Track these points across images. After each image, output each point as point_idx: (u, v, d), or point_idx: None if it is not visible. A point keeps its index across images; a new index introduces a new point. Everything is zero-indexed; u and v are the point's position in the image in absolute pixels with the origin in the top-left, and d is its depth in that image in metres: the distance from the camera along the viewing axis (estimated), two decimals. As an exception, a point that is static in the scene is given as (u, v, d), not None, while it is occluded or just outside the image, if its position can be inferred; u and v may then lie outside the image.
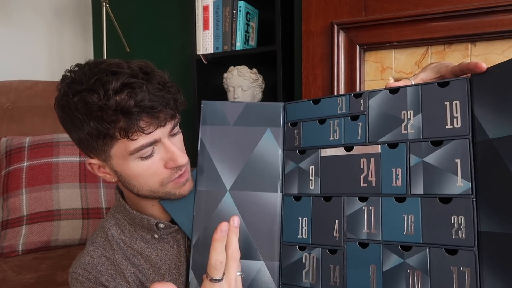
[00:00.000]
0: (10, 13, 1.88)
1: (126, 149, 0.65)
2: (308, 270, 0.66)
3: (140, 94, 0.61)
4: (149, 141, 0.65)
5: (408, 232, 0.59)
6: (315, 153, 0.70)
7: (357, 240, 0.63)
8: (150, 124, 0.63)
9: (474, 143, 0.56)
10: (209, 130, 0.75)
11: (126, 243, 0.77)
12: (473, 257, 0.54)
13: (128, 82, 0.62)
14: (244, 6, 1.65)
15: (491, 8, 1.14)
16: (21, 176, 1.37)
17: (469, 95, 0.57)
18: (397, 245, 0.59)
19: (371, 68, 1.35)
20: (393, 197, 0.61)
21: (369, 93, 0.65)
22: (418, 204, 0.59)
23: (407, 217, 0.59)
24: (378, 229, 0.61)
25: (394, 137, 0.62)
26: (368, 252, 0.62)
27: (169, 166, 0.69)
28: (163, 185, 0.70)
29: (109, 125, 0.61)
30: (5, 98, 1.57)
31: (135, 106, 0.61)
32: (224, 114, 0.76)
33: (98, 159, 0.69)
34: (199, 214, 0.72)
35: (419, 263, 0.57)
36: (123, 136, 0.63)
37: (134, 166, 0.67)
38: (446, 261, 0.55)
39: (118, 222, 0.79)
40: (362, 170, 0.64)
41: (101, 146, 0.65)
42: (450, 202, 0.57)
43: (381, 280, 0.60)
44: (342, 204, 0.65)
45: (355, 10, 1.32)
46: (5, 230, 1.31)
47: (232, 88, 1.65)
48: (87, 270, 0.74)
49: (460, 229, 0.55)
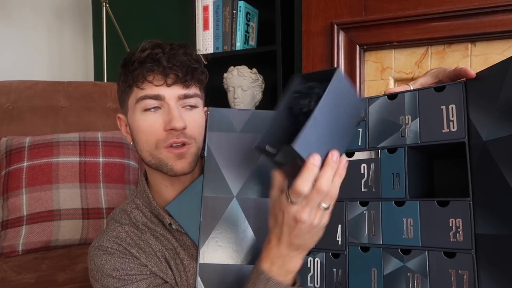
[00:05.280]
0: (10, 12, 1.88)
1: (135, 97, 0.73)
2: (313, 274, 0.66)
3: (157, 51, 0.71)
4: (153, 94, 0.71)
5: (407, 235, 0.59)
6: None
7: (359, 244, 0.63)
8: (156, 78, 0.71)
9: (470, 146, 0.56)
10: (216, 137, 0.76)
11: (148, 226, 0.78)
12: (471, 260, 0.54)
13: (156, 44, 0.73)
14: (244, 6, 1.65)
15: (491, 8, 1.14)
16: (21, 176, 1.37)
17: (465, 99, 0.58)
18: (397, 249, 0.60)
19: (371, 68, 1.35)
20: (393, 201, 0.61)
21: (368, 99, 0.65)
22: (417, 207, 0.59)
23: (406, 220, 0.60)
24: (378, 233, 0.62)
25: (393, 142, 0.62)
26: (369, 256, 0.62)
27: (166, 128, 0.72)
28: (158, 148, 0.73)
29: (131, 74, 0.72)
30: (5, 98, 1.57)
31: (149, 57, 0.71)
32: (230, 121, 0.77)
33: (123, 112, 0.79)
34: (206, 220, 0.72)
35: (418, 266, 0.58)
36: (135, 85, 0.72)
37: (138, 118, 0.73)
38: (445, 264, 0.56)
39: (139, 207, 0.80)
40: (363, 175, 0.64)
41: (125, 96, 0.76)
42: (448, 205, 0.57)
43: (382, 284, 0.60)
44: (344, 209, 0.65)
45: (355, 10, 1.32)
46: (5, 230, 1.31)
47: (232, 88, 1.65)
48: (116, 242, 0.75)
49: (458, 232, 0.55)
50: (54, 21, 2.07)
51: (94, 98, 1.67)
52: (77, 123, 1.61)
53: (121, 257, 0.73)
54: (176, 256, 0.76)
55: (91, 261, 0.75)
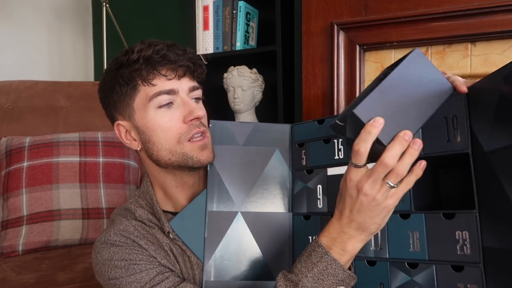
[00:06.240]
0: (10, 12, 1.88)
1: (146, 96, 0.71)
2: None
3: (160, 47, 0.71)
4: (167, 89, 0.71)
5: (414, 248, 0.58)
6: (322, 172, 0.71)
7: (365, 258, 0.63)
8: (167, 71, 0.71)
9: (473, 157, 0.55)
10: (219, 150, 0.75)
11: (154, 223, 0.77)
12: (480, 273, 0.52)
13: (152, 42, 0.73)
14: (244, 6, 1.65)
15: (491, 8, 1.13)
16: (21, 176, 1.37)
17: (467, 109, 0.57)
18: (404, 262, 0.59)
19: (371, 68, 1.35)
20: (398, 214, 0.61)
21: None
22: (422, 220, 0.58)
23: (412, 233, 0.59)
24: (384, 246, 0.61)
25: None
26: (376, 270, 0.61)
27: (187, 120, 0.71)
28: (181, 142, 0.71)
29: (134, 73, 0.70)
30: (5, 98, 1.57)
31: (154, 53, 0.70)
32: (233, 134, 0.76)
33: (124, 118, 0.75)
34: (211, 236, 0.71)
35: (426, 281, 0.56)
36: (144, 83, 0.71)
37: (153, 117, 0.71)
38: (453, 278, 0.54)
39: (143, 206, 0.79)
40: None
41: (127, 101, 0.73)
42: (454, 217, 0.56)
43: None
44: None
45: (355, 10, 1.32)
46: (5, 230, 1.31)
47: (232, 88, 1.65)
48: (123, 235, 0.73)
49: (465, 245, 0.54)
50: (54, 21, 2.07)
51: (94, 98, 1.65)
52: (77, 123, 1.61)
53: (129, 248, 0.71)
54: (183, 253, 0.74)
55: (97, 255, 0.73)
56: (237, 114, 1.68)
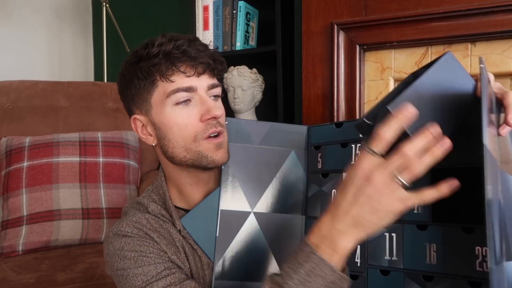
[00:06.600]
0: (10, 12, 1.88)
1: (164, 92, 0.70)
2: None
3: (181, 42, 0.70)
4: (185, 86, 0.69)
5: (430, 261, 0.56)
6: (337, 176, 0.70)
7: (379, 267, 0.61)
8: (187, 68, 0.69)
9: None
10: (233, 148, 0.74)
11: (167, 217, 0.76)
12: None
13: (173, 37, 0.71)
14: (244, 6, 1.65)
15: (491, 8, 1.13)
16: (21, 176, 1.37)
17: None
18: (419, 275, 0.57)
19: (371, 68, 1.35)
20: (415, 224, 0.59)
21: None
22: (440, 232, 0.56)
23: (429, 245, 0.57)
24: (399, 256, 0.59)
25: None
26: (389, 280, 0.59)
27: (204, 119, 0.70)
28: (197, 140, 0.70)
29: (153, 68, 0.69)
30: (5, 98, 1.57)
31: (175, 49, 0.69)
32: (248, 132, 0.75)
33: (141, 112, 0.74)
34: (222, 235, 0.70)
35: None
36: (163, 79, 0.69)
37: (170, 113, 0.70)
38: None
39: (156, 201, 0.78)
40: None
41: (145, 95, 0.72)
42: (473, 231, 0.53)
43: None
44: None
45: (355, 10, 1.32)
46: (5, 230, 1.31)
47: (232, 88, 1.65)
48: (136, 227, 0.72)
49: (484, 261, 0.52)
50: (54, 21, 2.07)
51: (94, 98, 1.67)
52: (77, 123, 1.61)
53: (141, 240, 0.70)
54: (194, 252, 0.73)
55: (109, 245, 0.72)
56: (237, 114, 1.68)
